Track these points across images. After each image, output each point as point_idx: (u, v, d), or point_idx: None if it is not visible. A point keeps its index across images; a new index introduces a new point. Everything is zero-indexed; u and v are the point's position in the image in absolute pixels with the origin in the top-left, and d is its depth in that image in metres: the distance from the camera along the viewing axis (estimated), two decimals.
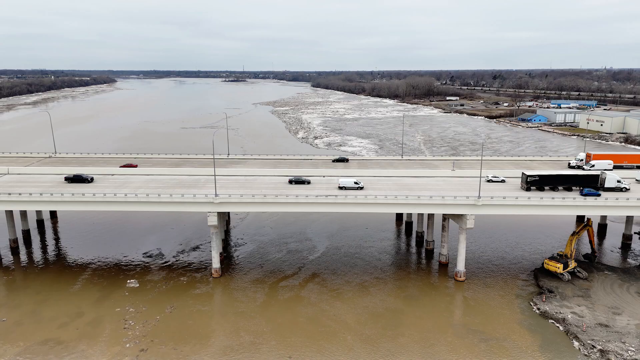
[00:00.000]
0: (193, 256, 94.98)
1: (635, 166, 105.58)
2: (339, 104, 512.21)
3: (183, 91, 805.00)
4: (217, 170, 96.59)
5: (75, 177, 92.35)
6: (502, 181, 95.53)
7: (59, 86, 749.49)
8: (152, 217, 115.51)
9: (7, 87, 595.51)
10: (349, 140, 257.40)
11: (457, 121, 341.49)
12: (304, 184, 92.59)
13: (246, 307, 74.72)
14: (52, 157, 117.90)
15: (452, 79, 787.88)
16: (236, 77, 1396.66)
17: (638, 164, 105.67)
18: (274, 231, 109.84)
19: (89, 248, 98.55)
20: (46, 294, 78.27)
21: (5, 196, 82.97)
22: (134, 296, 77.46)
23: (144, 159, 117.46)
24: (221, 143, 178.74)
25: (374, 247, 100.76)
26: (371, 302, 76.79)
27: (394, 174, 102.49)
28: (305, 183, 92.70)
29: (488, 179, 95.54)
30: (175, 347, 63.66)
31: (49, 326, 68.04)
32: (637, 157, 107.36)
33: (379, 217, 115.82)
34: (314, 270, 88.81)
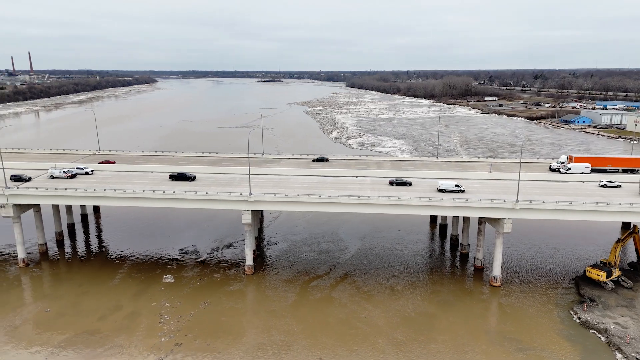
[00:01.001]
0: (227, 253, 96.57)
1: (622, 170, 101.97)
2: (374, 104, 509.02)
3: (220, 91, 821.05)
4: (252, 169, 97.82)
5: (180, 175, 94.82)
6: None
7: (103, 86, 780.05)
8: (189, 214, 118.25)
9: (55, 86, 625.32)
10: (383, 140, 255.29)
11: (495, 122, 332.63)
12: None
13: (277, 305, 75.30)
14: (95, 154, 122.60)
15: (491, 78, 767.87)
16: (272, 78, 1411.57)
17: (623, 167, 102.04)
18: (306, 231, 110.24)
19: (128, 243, 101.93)
20: (87, 286, 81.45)
21: (52, 191, 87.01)
22: (170, 291, 79.50)
23: (182, 157, 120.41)
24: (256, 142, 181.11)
25: (407, 250, 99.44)
26: (403, 306, 75.79)
27: (429, 175, 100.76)
28: None
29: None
30: (209, 343, 64.88)
31: (89, 318, 70.73)
32: (621, 161, 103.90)
33: (412, 219, 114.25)
34: (346, 271, 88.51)
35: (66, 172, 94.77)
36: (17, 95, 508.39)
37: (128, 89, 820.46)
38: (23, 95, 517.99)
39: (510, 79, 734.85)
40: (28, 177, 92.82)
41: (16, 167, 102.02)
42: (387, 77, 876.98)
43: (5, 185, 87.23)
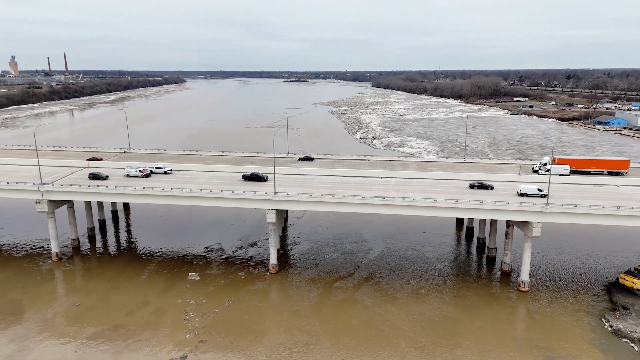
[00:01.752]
0: (251, 252, 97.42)
1: (607, 172, 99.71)
2: (399, 104, 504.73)
3: (247, 91, 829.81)
4: (277, 168, 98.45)
5: (253, 175, 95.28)
6: None
7: (134, 86, 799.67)
8: (215, 212, 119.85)
9: (89, 86, 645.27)
10: (409, 141, 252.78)
11: (525, 123, 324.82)
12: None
13: (300, 306, 75.45)
14: (126, 152, 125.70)
15: (521, 78, 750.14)
16: (297, 78, 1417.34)
17: (608, 169, 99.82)
18: (330, 231, 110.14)
19: (156, 239, 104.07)
20: (116, 281, 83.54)
21: (85, 188, 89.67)
22: (195, 289, 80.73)
23: (209, 156, 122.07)
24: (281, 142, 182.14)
25: (432, 252, 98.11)
26: (427, 309, 74.78)
27: (456, 176, 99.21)
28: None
29: None
30: (232, 341, 65.54)
31: (118, 313, 72.50)
32: (605, 162, 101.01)
33: (437, 221, 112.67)
34: (369, 273, 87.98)
35: (142, 171, 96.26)
36: (53, 94, 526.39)
37: (158, 88, 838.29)
38: (58, 94, 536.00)
39: (542, 79, 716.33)
40: (105, 175, 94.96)
41: (51, 164, 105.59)
42: (413, 77, 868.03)
43: (41, 181, 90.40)
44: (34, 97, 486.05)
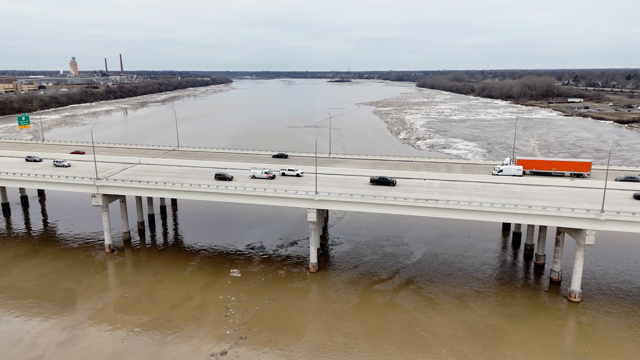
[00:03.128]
0: (291, 251, 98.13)
1: (571, 174, 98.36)
2: (445, 104, 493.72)
3: (291, 91, 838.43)
4: (319, 168, 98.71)
5: (381, 179, 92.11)
6: None
7: (184, 86, 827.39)
8: (257, 210, 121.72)
9: (142, 86, 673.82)
10: (454, 142, 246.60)
11: (580, 125, 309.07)
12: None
13: (339, 307, 75.12)
14: (175, 150, 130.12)
15: (576, 79, 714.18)
16: (341, 78, 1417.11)
17: (570, 170, 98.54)
18: (370, 233, 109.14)
19: (200, 235, 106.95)
20: (162, 275, 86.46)
21: (136, 183, 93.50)
22: (236, 285, 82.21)
23: (253, 155, 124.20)
24: (324, 142, 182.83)
25: (476, 258, 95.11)
26: (470, 317, 72.49)
27: (503, 180, 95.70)
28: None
29: None
30: (271, 339, 66.21)
31: (162, 306, 74.96)
32: (567, 164, 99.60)
33: (483, 225, 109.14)
34: (410, 277, 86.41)
35: (267, 172, 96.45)
36: (109, 94, 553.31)
37: (206, 88, 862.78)
38: (114, 94, 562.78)
39: (599, 79, 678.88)
40: (230, 176, 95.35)
41: (106, 161, 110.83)
42: (460, 77, 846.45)
43: (96, 176, 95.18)
44: (92, 96, 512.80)
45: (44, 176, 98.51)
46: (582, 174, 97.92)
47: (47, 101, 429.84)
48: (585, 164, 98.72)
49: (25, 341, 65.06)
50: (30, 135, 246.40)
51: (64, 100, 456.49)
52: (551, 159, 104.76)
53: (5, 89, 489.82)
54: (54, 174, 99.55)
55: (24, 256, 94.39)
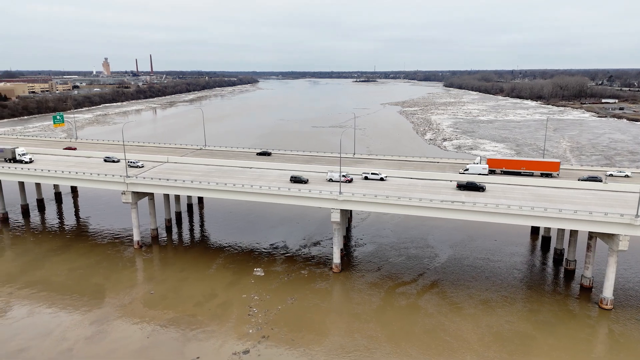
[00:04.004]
0: (314, 251, 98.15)
1: (542, 173, 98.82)
2: (473, 104, 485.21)
3: (316, 91, 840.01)
4: (343, 168, 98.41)
5: (469, 185, 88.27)
6: None
7: (211, 86, 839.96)
8: (281, 210, 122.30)
9: (171, 86, 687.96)
10: (482, 143, 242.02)
11: (614, 127, 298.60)
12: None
13: (362, 309, 74.64)
14: (202, 149, 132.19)
15: (610, 78, 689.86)
16: (367, 78, 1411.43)
17: (539, 170, 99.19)
18: (394, 234, 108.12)
19: (225, 234, 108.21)
20: (188, 272, 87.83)
21: (164, 181, 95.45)
22: (259, 284, 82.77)
23: (279, 154, 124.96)
24: (348, 142, 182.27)
25: (503, 262, 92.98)
26: (496, 322, 70.88)
27: (532, 182, 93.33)
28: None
29: None
30: (293, 339, 66.34)
31: (187, 303, 76.11)
32: (535, 164, 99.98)
33: (511, 229, 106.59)
34: (434, 280, 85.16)
35: (345, 176, 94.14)
36: (139, 93, 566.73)
37: (232, 88, 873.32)
38: (144, 93, 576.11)
39: (634, 79, 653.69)
40: (305, 179, 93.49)
41: (135, 159, 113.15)
42: (489, 77, 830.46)
43: (126, 174, 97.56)
44: (123, 96, 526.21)
45: (77, 173, 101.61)
46: (552, 173, 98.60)
47: (80, 101, 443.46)
48: (554, 164, 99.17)
49: (55, 334, 67.14)
50: (65, 134, 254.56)
51: (96, 100, 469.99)
52: (520, 158, 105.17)
53: (42, 89, 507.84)
54: (87, 171, 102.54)
55: (56, 251, 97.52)
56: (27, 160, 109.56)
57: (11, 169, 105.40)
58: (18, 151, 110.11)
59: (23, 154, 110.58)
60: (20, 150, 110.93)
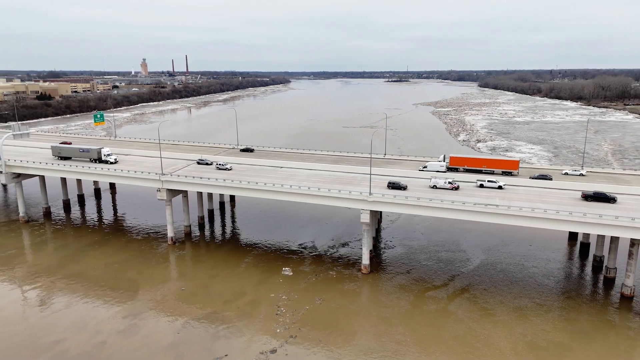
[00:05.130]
0: (342, 252, 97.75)
1: (502, 172, 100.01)
2: (509, 105, 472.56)
3: (347, 91, 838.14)
4: (373, 169, 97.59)
5: (596, 195, 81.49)
6: None
7: (244, 86, 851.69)
8: (310, 210, 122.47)
9: (205, 86, 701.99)
10: (517, 145, 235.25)
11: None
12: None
13: (390, 312, 73.70)
14: (234, 148, 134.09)
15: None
16: (399, 78, 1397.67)
17: (499, 169, 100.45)
18: (425, 237, 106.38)
19: (255, 232, 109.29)
20: (218, 270, 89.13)
21: (198, 179, 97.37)
22: (287, 284, 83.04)
23: (309, 154, 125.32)
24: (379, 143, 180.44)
25: (538, 268, 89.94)
26: (530, 330, 68.56)
27: (570, 186, 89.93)
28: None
29: None
30: (321, 340, 66.20)
31: (216, 300, 77.18)
32: (496, 162, 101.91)
33: (546, 234, 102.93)
34: (465, 284, 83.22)
35: (451, 182, 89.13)
36: (175, 93, 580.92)
37: (265, 89, 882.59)
38: (179, 93, 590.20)
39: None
40: (404, 185, 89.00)
41: (170, 157, 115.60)
42: (526, 77, 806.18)
43: (162, 172, 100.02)
44: (159, 96, 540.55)
45: (115, 170, 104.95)
46: (512, 172, 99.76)
47: (119, 100, 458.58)
48: (513, 162, 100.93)
49: (90, 327, 69.40)
50: (104, 132, 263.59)
51: (134, 99, 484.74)
52: (481, 157, 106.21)
53: (84, 89, 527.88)
54: (125, 168, 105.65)
55: (93, 245, 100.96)
56: (112, 160, 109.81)
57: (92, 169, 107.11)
58: (104, 152, 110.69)
59: (108, 154, 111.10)
60: (106, 150, 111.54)
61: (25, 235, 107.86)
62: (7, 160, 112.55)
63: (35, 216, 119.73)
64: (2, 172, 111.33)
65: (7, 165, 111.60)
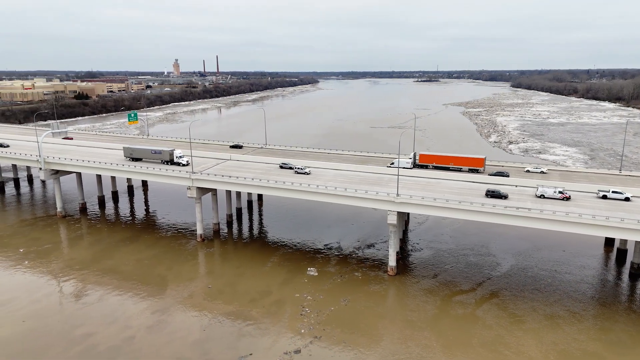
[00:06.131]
0: (368, 253, 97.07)
1: (469, 169, 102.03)
2: (543, 106, 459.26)
3: (376, 91, 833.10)
4: (401, 170, 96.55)
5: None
6: None
7: (273, 86, 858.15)
8: (336, 210, 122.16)
9: (235, 86, 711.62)
10: (551, 147, 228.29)
11: None
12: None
13: (416, 316, 72.64)
14: (263, 147, 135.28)
15: None
16: (429, 77, 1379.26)
17: (466, 166, 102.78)
18: (453, 240, 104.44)
19: (282, 231, 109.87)
20: (244, 268, 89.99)
21: (227, 178, 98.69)
22: (312, 284, 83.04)
23: (335, 154, 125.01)
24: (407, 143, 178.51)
25: (572, 275, 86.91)
26: (562, 339, 66.28)
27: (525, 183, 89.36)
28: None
29: None
30: (345, 341, 65.87)
31: (242, 299, 77.83)
32: (462, 160, 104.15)
33: (581, 239, 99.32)
34: (494, 290, 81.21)
35: (562, 192, 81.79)
36: (206, 93, 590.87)
37: (293, 89, 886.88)
38: (210, 93, 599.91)
39: None
40: (505, 194, 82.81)
41: (200, 156, 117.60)
42: (561, 77, 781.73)
43: (192, 170, 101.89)
44: (191, 95, 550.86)
45: (147, 168, 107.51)
46: (478, 169, 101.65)
47: (152, 100, 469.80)
48: (479, 160, 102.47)
49: (120, 321, 71.20)
50: (137, 131, 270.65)
51: (166, 99, 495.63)
52: (449, 154, 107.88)
53: (119, 88, 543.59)
54: (156, 166, 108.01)
55: (125, 241, 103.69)
56: (184, 162, 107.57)
57: None
58: (176, 153, 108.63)
59: (180, 156, 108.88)
60: (178, 152, 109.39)
61: (62, 229, 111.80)
62: (46, 157, 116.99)
63: (71, 212, 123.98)
64: (42, 168, 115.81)
65: (46, 162, 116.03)
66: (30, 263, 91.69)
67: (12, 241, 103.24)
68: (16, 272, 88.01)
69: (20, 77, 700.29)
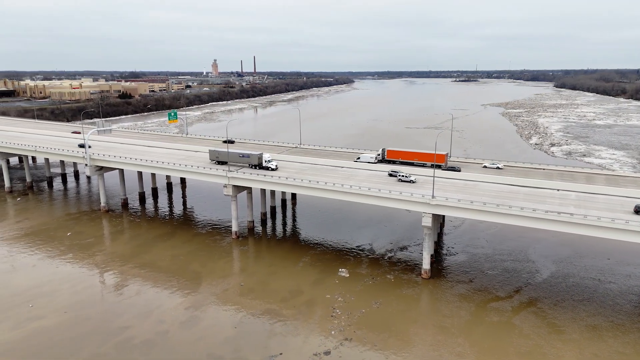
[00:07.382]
0: (400, 256, 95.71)
1: (432, 164, 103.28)
2: (588, 107, 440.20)
3: (412, 91, 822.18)
4: (436, 172, 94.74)
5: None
6: None
7: (308, 86, 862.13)
8: (368, 211, 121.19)
9: (271, 86, 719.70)
10: (597, 150, 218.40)
11: None
12: None
13: (449, 322, 70.94)
14: (297, 147, 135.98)
15: None
16: (467, 77, 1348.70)
17: (429, 162, 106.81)
18: (490, 245, 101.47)
19: (314, 231, 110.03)
20: (276, 267, 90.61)
21: (262, 177, 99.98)
22: (343, 285, 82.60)
23: None
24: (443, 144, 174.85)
25: (616, 284, 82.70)
26: (605, 351, 63.12)
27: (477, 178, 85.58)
28: None
29: None
30: (375, 344, 65.14)
31: (273, 297, 78.31)
32: (425, 155, 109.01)
33: (627, 247, 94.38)
34: (532, 297, 78.29)
35: None
36: (243, 93, 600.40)
37: (328, 89, 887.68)
38: (247, 93, 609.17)
39: None
40: None
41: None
42: (608, 77, 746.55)
43: (228, 168, 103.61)
44: (228, 95, 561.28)
45: (186, 166, 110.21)
46: (441, 165, 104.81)
47: (191, 99, 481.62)
48: (440, 156, 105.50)
49: (154, 315, 73.09)
50: (176, 129, 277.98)
51: (205, 99, 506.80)
52: (413, 150, 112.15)
53: (160, 88, 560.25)
54: (194, 164, 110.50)
55: (162, 237, 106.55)
56: (273, 167, 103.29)
57: None
58: (265, 157, 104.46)
59: (269, 160, 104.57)
60: (267, 156, 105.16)
61: (105, 224, 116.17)
62: (92, 154, 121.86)
63: (114, 207, 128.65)
64: (88, 165, 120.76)
65: (91, 158, 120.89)
66: (73, 255, 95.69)
67: (58, 234, 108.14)
68: (60, 263, 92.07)
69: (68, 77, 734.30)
